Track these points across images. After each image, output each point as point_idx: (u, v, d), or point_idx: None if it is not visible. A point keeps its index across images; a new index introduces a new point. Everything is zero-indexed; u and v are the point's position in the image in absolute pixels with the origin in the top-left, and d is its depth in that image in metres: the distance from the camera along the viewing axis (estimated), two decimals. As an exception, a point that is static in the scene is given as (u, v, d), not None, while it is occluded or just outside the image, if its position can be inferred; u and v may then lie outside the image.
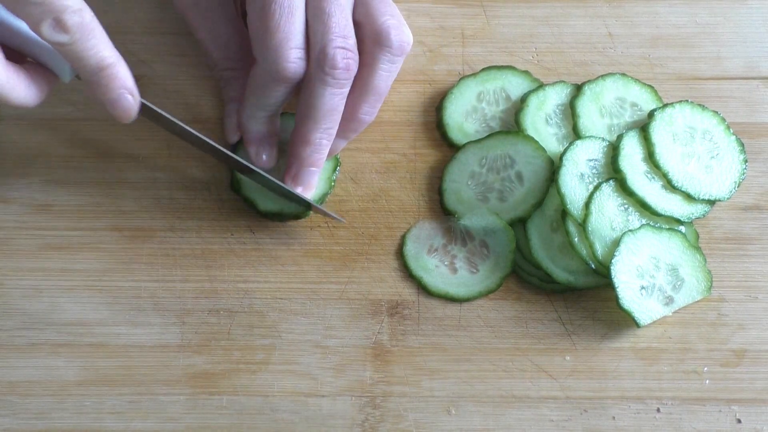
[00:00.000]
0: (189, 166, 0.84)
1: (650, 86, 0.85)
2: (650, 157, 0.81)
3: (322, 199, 0.82)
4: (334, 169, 0.83)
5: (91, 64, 0.71)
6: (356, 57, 0.77)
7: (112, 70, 0.71)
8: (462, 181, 0.83)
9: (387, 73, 0.80)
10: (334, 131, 0.79)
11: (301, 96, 0.78)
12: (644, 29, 0.89)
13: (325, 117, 0.77)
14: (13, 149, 0.84)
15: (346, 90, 0.78)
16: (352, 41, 0.77)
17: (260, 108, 0.79)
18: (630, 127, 0.84)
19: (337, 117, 0.78)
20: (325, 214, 0.81)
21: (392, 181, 0.84)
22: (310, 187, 0.80)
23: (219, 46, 0.82)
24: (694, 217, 0.81)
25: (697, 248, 0.80)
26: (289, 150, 0.80)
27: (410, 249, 0.82)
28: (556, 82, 0.85)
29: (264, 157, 0.81)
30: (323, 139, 0.78)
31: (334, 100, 0.77)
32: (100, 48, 0.70)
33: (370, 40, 0.79)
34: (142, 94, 0.86)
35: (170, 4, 0.87)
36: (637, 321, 0.78)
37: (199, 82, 0.87)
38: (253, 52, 0.78)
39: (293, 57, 0.76)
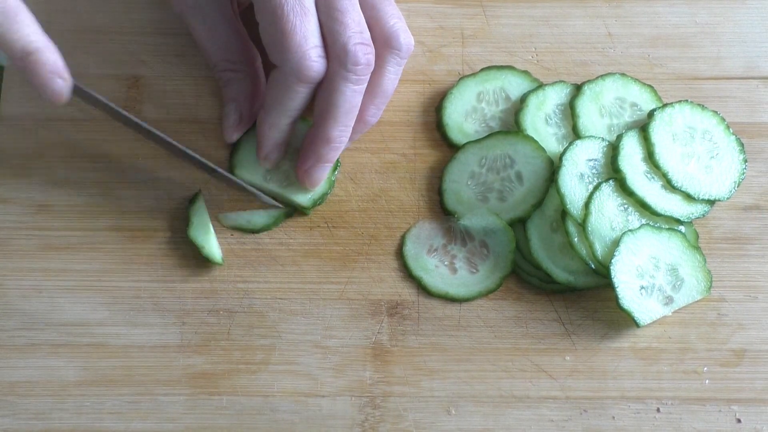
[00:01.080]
0: (189, 166, 0.84)
1: (650, 86, 0.85)
2: (650, 157, 0.81)
3: (321, 199, 0.82)
4: (334, 170, 0.83)
5: (17, 49, 0.71)
6: (373, 51, 0.77)
7: (39, 55, 0.72)
8: (462, 181, 0.83)
9: (394, 75, 0.81)
10: (351, 128, 0.79)
11: (320, 95, 0.78)
12: (644, 29, 0.89)
13: (346, 114, 0.78)
14: (13, 149, 0.84)
15: (365, 86, 0.78)
16: (368, 35, 0.77)
17: (284, 114, 0.79)
18: (630, 127, 0.84)
19: (356, 113, 0.79)
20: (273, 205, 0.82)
21: (392, 181, 0.84)
22: (320, 182, 0.81)
23: (218, 46, 0.82)
24: (693, 217, 0.81)
25: (697, 248, 0.80)
26: (304, 146, 0.80)
27: (410, 249, 0.82)
28: (556, 82, 0.85)
29: (271, 160, 0.81)
30: (343, 135, 0.79)
31: (355, 96, 0.77)
32: (25, 33, 0.71)
33: (378, 42, 0.79)
34: (142, 94, 0.86)
35: (170, 4, 0.87)
36: (637, 321, 0.78)
37: (199, 82, 0.87)
38: (271, 58, 0.78)
39: (315, 55, 0.76)
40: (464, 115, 0.85)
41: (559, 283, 0.80)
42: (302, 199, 0.82)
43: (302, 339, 0.79)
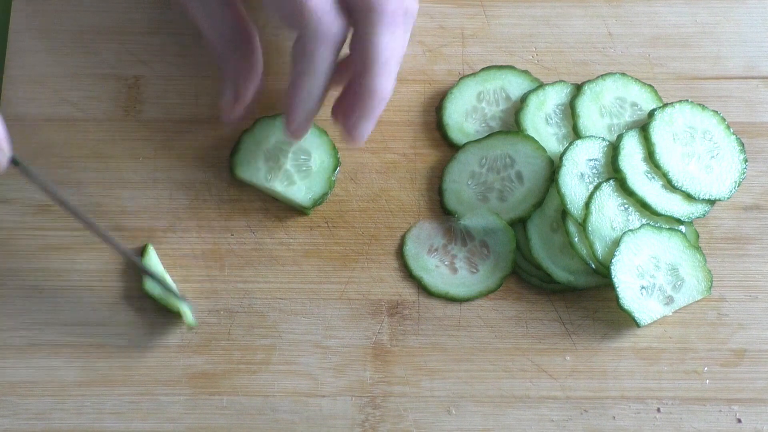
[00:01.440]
0: (189, 166, 0.84)
1: (650, 86, 0.85)
2: (650, 156, 0.81)
3: (321, 198, 0.82)
4: (334, 169, 0.83)
5: None
6: None
7: None
8: (462, 181, 0.83)
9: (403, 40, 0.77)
10: (395, 78, 0.76)
11: (354, 48, 0.76)
12: (644, 29, 0.89)
13: (387, 63, 0.75)
14: (14, 149, 0.84)
15: (401, 30, 0.75)
16: None
17: (313, 82, 0.76)
18: (630, 126, 0.84)
19: (398, 61, 0.76)
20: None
21: (392, 181, 0.84)
22: (365, 138, 0.78)
23: (214, 24, 0.80)
24: (694, 217, 0.81)
25: (697, 248, 0.80)
26: (347, 100, 0.78)
27: (410, 249, 0.82)
28: (556, 81, 0.85)
29: (300, 133, 0.79)
30: (389, 85, 0.76)
31: (395, 41, 0.75)
32: None
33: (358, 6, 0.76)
34: (142, 94, 0.86)
35: (170, 5, 0.87)
36: (638, 321, 0.78)
37: (199, 82, 0.86)
38: (289, 26, 0.75)
39: (334, 14, 0.74)
40: (464, 115, 0.85)
41: (559, 283, 0.80)
42: (303, 198, 0.82)
43: (302, 339, 0.79)
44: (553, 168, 0.82)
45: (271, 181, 0.82)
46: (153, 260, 0.80)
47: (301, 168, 0.83)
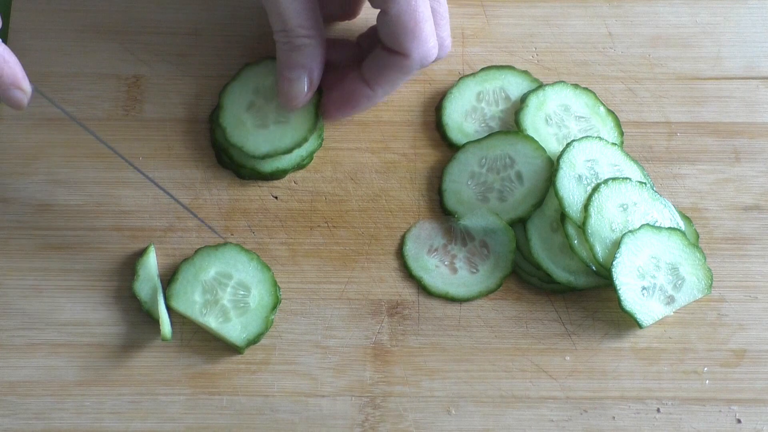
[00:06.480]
0: (189, 166, 0.84)
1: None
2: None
3: (256, 338, 0.78)
4: (273, 308, 0.79)
5: None
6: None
7: None
8: (462, 181, 0.83)
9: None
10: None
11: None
12: (644, 29, 0.89)
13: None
14: (13, 149, 0.84)
15: None
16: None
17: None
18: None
19: None
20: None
21: (392, 181, 0.84)
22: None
23: (297, 10, 0.80)
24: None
25: (697, 246, 0.80)
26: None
27: (410, 249, 0.82)
28: (556, 82, 0.85)
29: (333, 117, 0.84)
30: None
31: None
32: None
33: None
34: (142, 94, 0.86)
35: (170, 4, 0.87)
36: (640, 322, 0.78)
37: (199, 82, 0.86)
38: (395, 45, 0.78)
39: (434, 43, 0.79)
40: (464, 115, 0.85)
41: (559, 283, 0.80)
42: (236, 338, 0.78)
43: (302, 339, 0.79)
44: (553, 168, 0.82)
45: (206, 315, 0.79)
46: (150, 264, 0.80)
47: (238, 304, 0.79)
